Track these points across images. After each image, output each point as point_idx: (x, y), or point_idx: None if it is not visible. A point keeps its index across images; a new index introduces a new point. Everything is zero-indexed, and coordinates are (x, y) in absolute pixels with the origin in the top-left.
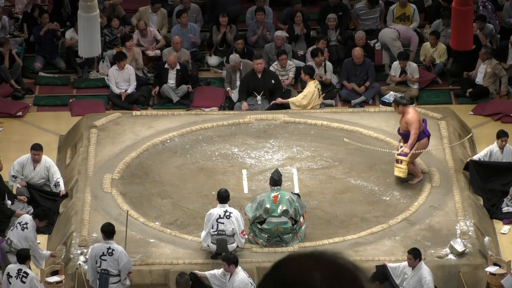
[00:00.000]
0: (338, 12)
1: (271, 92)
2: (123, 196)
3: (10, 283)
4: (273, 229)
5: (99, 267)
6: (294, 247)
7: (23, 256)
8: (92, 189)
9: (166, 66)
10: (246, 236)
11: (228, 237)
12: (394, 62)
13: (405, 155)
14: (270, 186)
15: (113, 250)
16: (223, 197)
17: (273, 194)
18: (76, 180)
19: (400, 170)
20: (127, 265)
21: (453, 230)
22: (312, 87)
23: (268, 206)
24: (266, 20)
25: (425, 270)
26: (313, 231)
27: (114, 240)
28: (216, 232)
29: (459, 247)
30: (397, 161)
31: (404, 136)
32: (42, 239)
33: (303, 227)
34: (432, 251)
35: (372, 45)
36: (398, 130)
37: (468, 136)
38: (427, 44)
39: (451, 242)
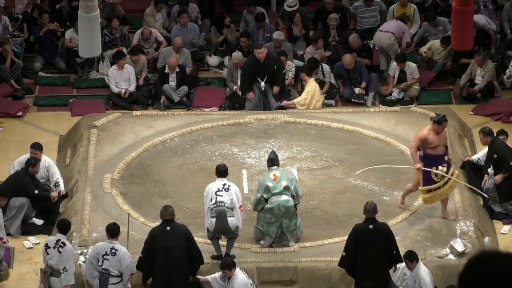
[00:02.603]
0: (336, 13)
1: (272, 77)
2: (123, 196)
3: (48, 254)
4: (275, 209)
5: (101, 266)
6: (294, 247)
7: (64, 227)
8: (92, 189)
9: (166, 71)
10: (244, 217)
11: (228, 209)
12: (393, 63)
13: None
14: (268, 168)
15: (116, 250)
16: (221, 171)
17: (272, 173)
18: (76, 180)
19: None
20: (130, 266)
21: (453, 230)
22: (312, 83)
23: (269, 184)
24: (266, 22)
25: (423, 271)
26: (313, 231)
27: (118, 240)
28: (215, 205)
29: (459, 247)
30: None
31: (439, 158)
32: (42, 239)
33: (299, 222)
34: (432, 251)
35: (371, 45)
36: (429, 154)
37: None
38: (436, 42)
39: (451, 242)
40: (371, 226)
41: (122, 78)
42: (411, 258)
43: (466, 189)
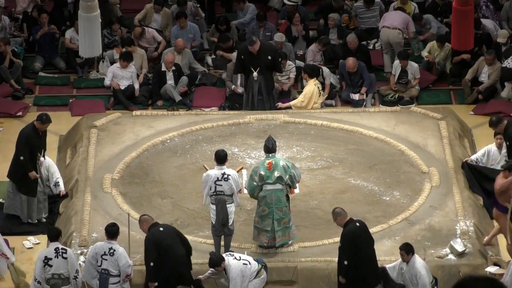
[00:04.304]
0: (338, 12)
1: (268, 67)
2: (123, 196)
3: (50, 266)
4: (268, 197)
5: (100, 266)
6: (294, 247)
7: (55, 234)
8: (92, 189)
9: (163, 69)
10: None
11: (227, 196)
12: (395, 62)
13: None
14: (265, 154)
15: (114, 250)
16: (220, 157)
17: (267, 161)
18: (76, 180)
19: None
20: (124, 268)
21: (453, 230)
22: (311, 85)
23: (262, 173)
24: (266, 22)
25: (419, 264)
26: (313, 231)
27: (117, 241)
28: (214, 193)
29: (459, 247)
30: None
31: None
32: (42, 238)
33: (291, 222)
34: (432, 251)
35: (372, 45)
36: None
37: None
38: (435, 43)
39: (451, 242)
40: (357, 224)
41: (125, 76)
42: (408, 250)
43: (466, 189)
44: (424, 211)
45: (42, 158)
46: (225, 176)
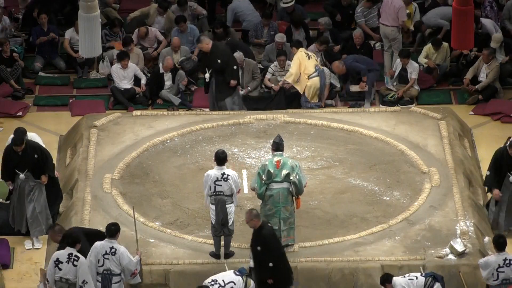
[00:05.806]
0: (349, 10)
1: (218, 71)
2: (123, 196)
3: (60, 269)
4: (275, 196)
5: (101, 266)
6: (294, 247)
7: (73, 240)
8: (92, 189)
9: (161, 71)
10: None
11: (226, 196)
12: (397, 60)
13: None
14: (273, 152)
15: (115, 249)
16: (220, 158)
17: (275, 159)
18: (76, 180)
19: None
20: (129, 266)
21: (453, 230)
22: (297, 55)
23: (271, 170)
24: (271, 21)
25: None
26: (313, 231)
27: (117, 240)
28: (214, 193)
29: (459, 247)
30: None
31: None
32: (42, 238)
33: (294, 224)
34: (432, 251)
35: (372, 45)
36: None
37: None
38: (430, 48)
39: (451, 242)
40: (269, 224)
41: (125, 76)
42: (382, 282)
43: (466, 189)
44: (424, 211)
45: (22, 176)
46: (225, 176)
